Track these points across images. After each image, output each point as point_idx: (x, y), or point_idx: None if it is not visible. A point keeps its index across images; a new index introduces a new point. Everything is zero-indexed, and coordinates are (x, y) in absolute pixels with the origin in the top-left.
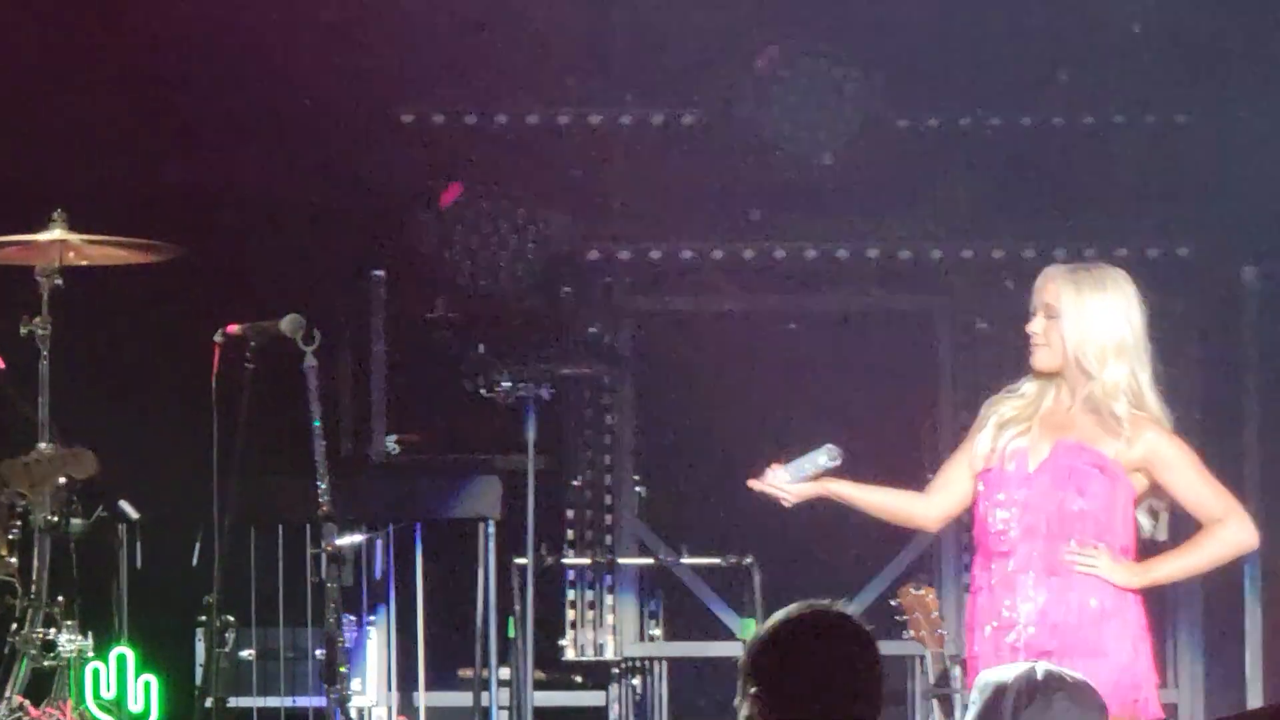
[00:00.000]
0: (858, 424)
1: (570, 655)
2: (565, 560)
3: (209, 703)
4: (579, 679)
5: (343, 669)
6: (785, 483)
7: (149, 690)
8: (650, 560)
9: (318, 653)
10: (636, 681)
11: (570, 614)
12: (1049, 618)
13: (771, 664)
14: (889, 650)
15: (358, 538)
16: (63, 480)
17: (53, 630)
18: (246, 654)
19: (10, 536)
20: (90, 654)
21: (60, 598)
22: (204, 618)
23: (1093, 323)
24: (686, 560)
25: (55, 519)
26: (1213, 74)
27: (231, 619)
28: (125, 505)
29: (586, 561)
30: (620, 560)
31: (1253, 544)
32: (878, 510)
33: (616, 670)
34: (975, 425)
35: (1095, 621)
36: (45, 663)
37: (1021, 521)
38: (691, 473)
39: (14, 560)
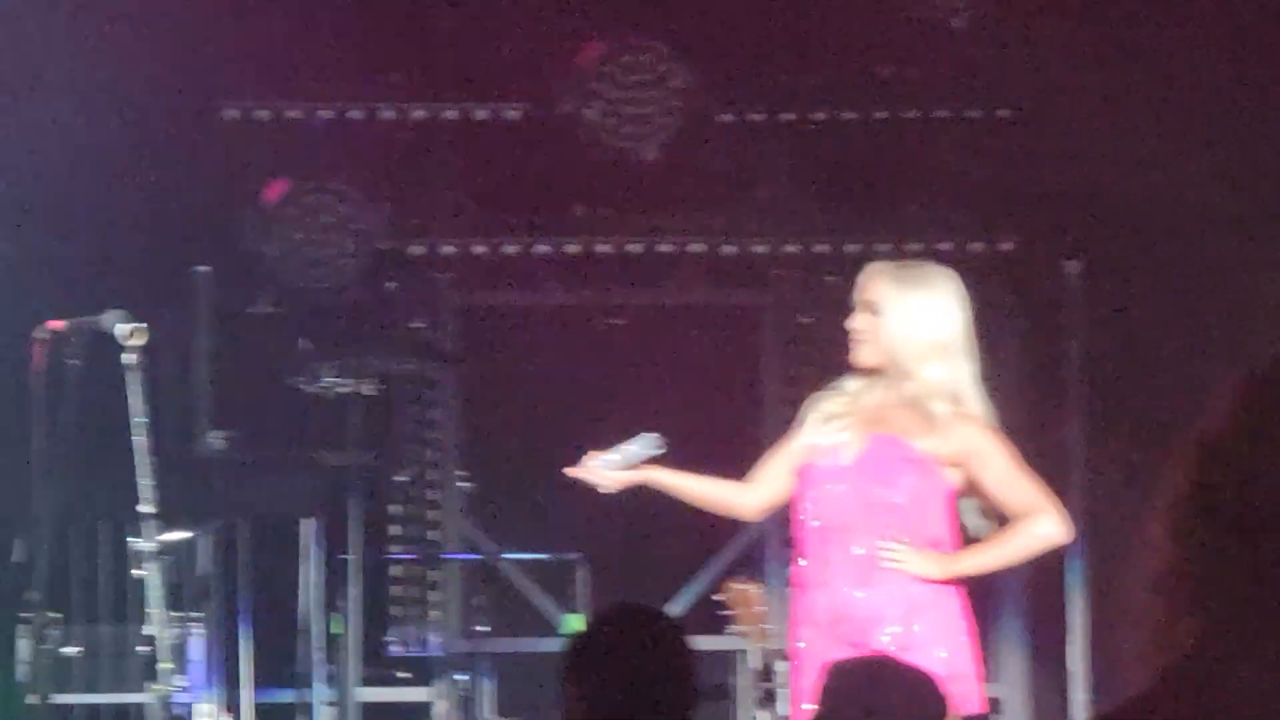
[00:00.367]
0: (682, 418)
1: (395, 651)
2: (390, 556)
3: (33, 700)
4: (404, 675)
5: (167, 666)
6: (603, 470)
7: None
8: (476, 556)
9: (142, 649)
10: (461, 677)
11: (395, 610)
12: (867, 612)
13: (589, 663)
14: (714, 645)
15: (182, 534)
16: None
17: None
18: (70, 651)
19: None
20: None
21: None
22: (27, 614)
23: (914, 321)
24: (512, 556)
25: None
26: (1035, 69)
27: (56, 615)
28: None
29: (411, 557)
30: (445, 556)
31: (1064, 538)
32: (698, 499)
33: (442, 666)
34: (798, 419)
35: (913, 614)
36: None
37: (837, 515)
38: (517, 468)
39: None
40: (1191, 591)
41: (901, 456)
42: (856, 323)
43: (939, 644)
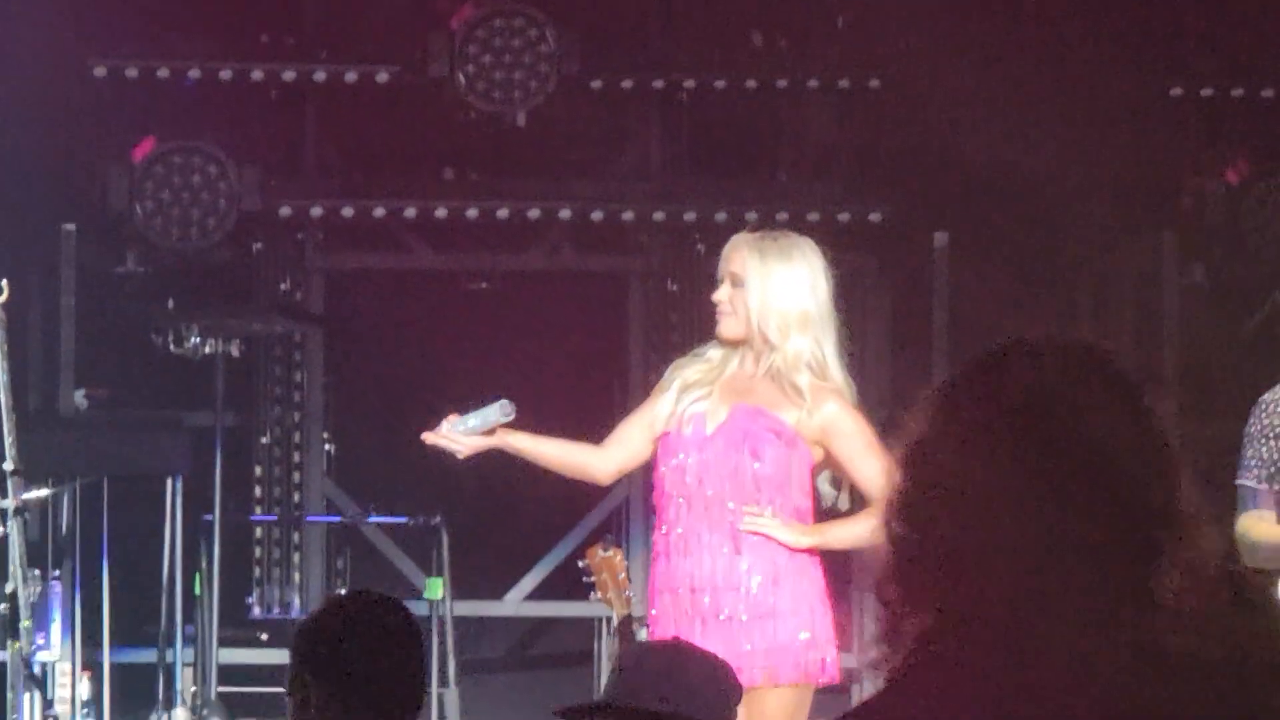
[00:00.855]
0: (548, 384)
1: (257, 613)
2: (252, 517)
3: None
4: (265, 636)
5: (26, 624)
6: (458, 434)
7: None
8: (338, 518)
9: (1, 607)
10: None
11: (257, 571)
12: (726, 581)
13: (321, 653)
14: (576, 612)
15: (44, 491)
16: None
17: None
18: None
19: None
20: None
21: None
22: None
23: (777, 293)
24: (374, 519)
25: None
26: (906, 38)
27: None
28: None
29: (273, 518)
30: (307, 518)
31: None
32: (552, 462)
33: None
34: (659, 385)
35: (773, 583)
36: None
37: (697, 484)
38: (381, 431)
39: None
40: (914, 589)
41: (766, 426)
42: (720, 294)
43: (799, 613)
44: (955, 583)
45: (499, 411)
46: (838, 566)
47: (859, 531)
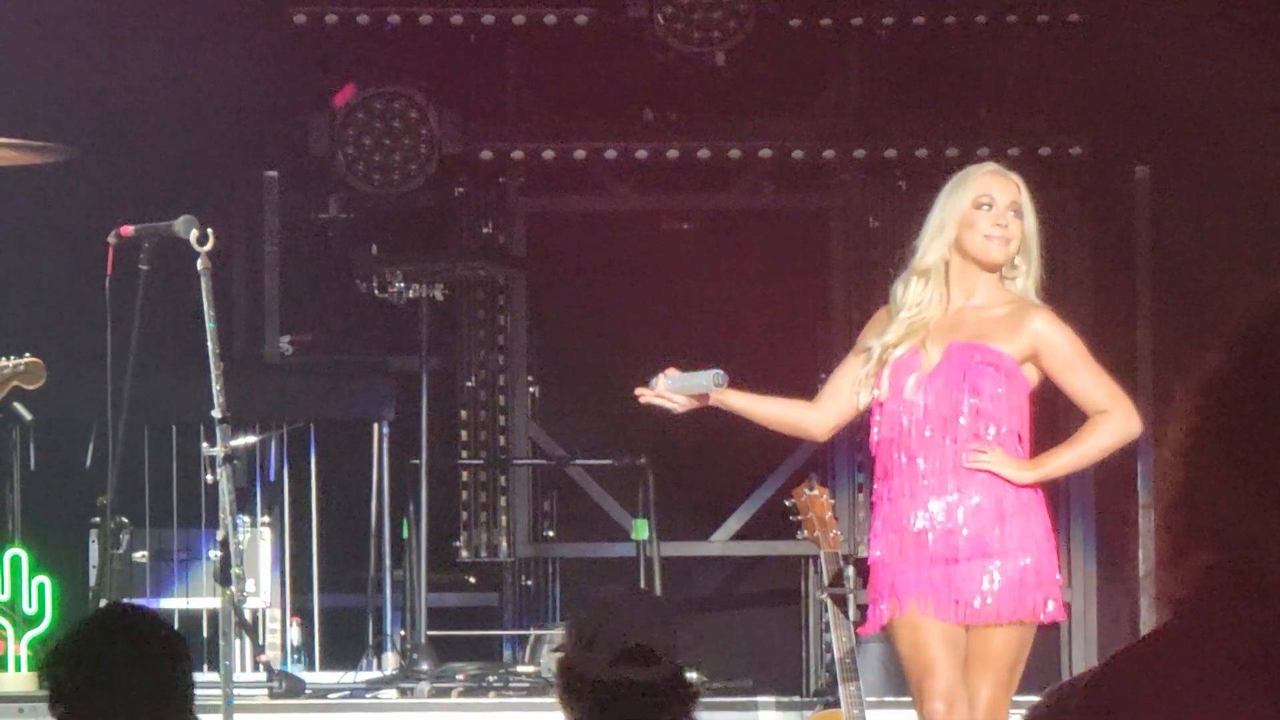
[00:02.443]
0: (750, 323)
1: (464, 556)
2: (459, 461)
3: (103, 604)
4: (472, 580)
5: (237, 571)
6: (673, 392)
7: (43, 592)
8: (544, 461)
9: (212, 554)
10: (530, 582)
11: (464, 515)
12: (951, 520)
13: (74, 677)
14: (784, 551)
15: (251, 438)
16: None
17: None
18: (140, 555)
19: None
20: None
21: None
22: (98, 519)
23: (1035, 224)
24: (580, 461)
25: None
26: None
27: (125, 520)
28: (19, 406)
29: (480, 462)
30: (514, 461)
31: (1138, 432)
32: (769, 420)
33: (510, 571)
34: (866, 332)
35: (1001, 521)
36: None
37: (920, 426)
38: (585, 373)
39: None
40: (1201, 524)
41: (983, 360)
42: (1006, 221)
43: (1026, 550)
44: (1240, 526)
45: (710, 380)
46: (1050, 499)
47: (1078, 456)
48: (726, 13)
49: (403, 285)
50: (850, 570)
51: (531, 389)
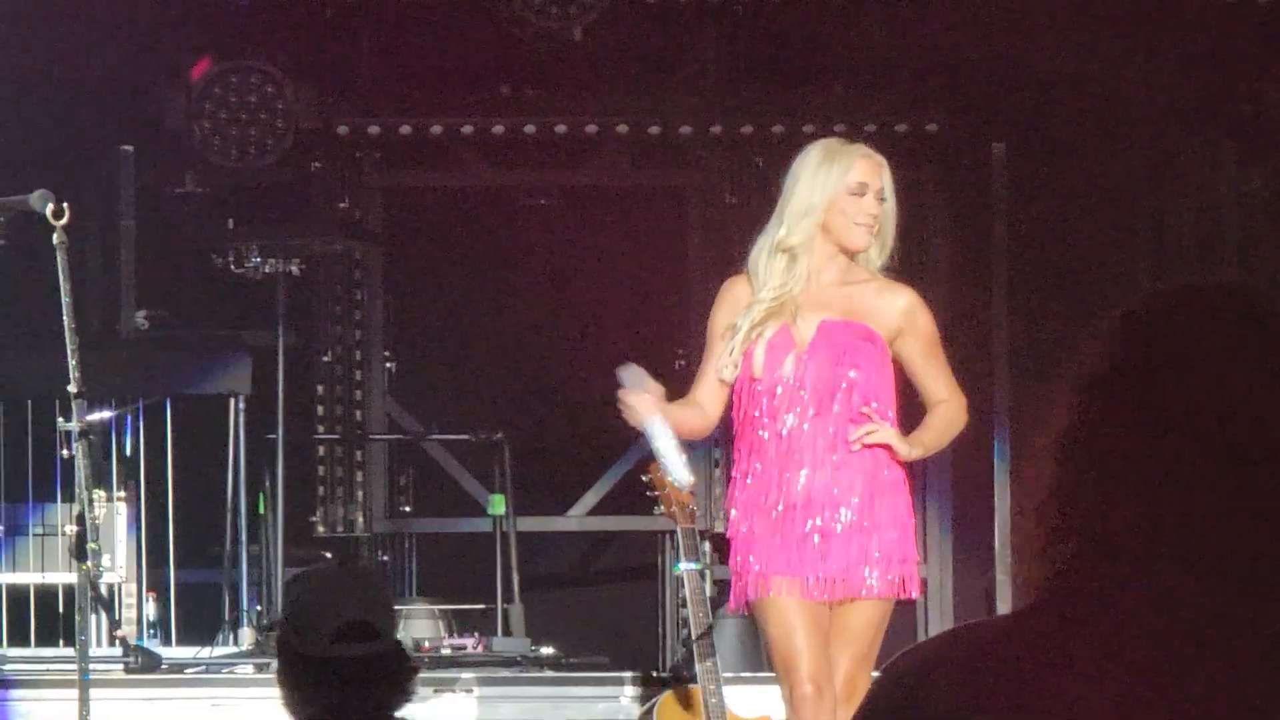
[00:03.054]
0: (608, 298)
1: (320, 531)
2: (315, 436)
3: None
4: (329, 554)
5: (93, 546)
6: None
7: None
8: (400, 436)
9: (68, 529)
10: (386, 557)
11: (320, 490)
12: (825, 497)
13: None
14: (640, 526)
15: (108, 413)
16: None
17: None
18: None
19: None
20: None
21: None
22: None
23: (894, 201)
24: (436, 436)
25: None
26: None
27: None
28: None
29: (336, 437)
30: (370, 436)
31: (964, 424)
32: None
33: (366, 546)
34: (718, 324)
35: (872, 498)
36: None
37: (795, 403)
38: (442, 349)
39: None
40: (1072, 517)
41: (858, 335)
42: (873, 209)
43: (892, 525)
44: (1110, 519)
45: (677, 479)
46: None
47: (935, 438)
48: None
49: (259, 260)
50: (707, 546)
51: (388, 364)
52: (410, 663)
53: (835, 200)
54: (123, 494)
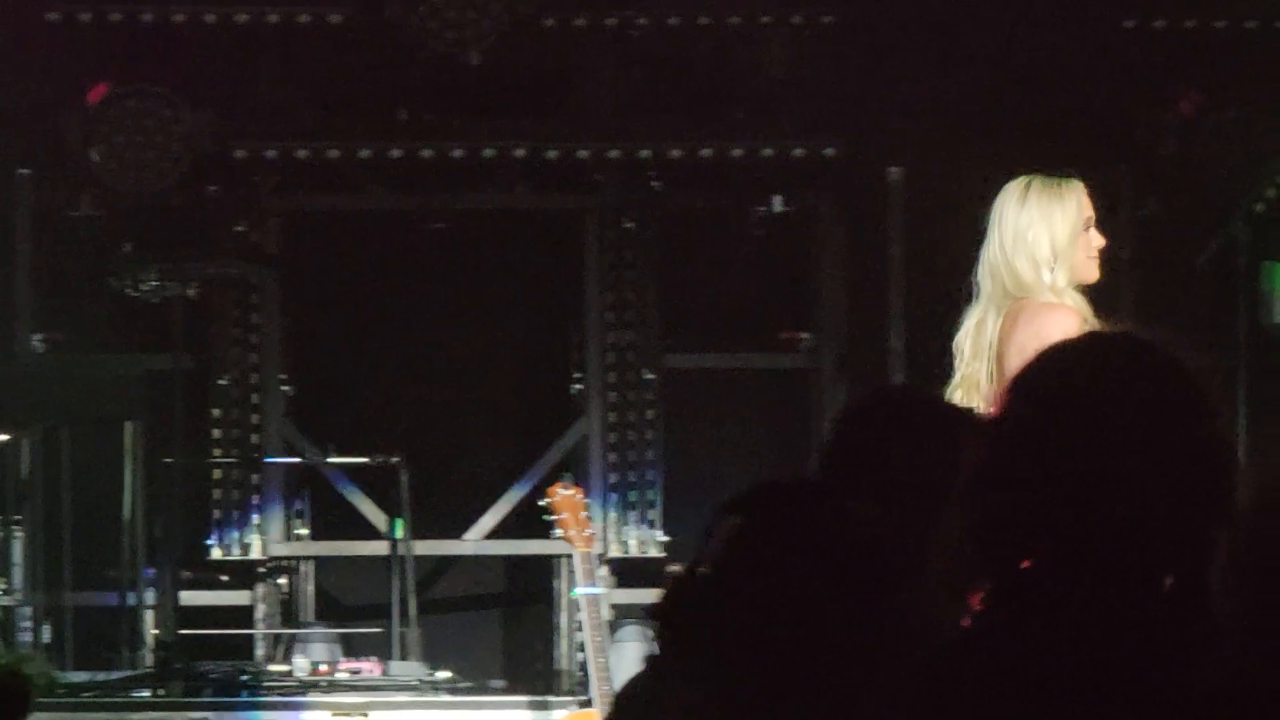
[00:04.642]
0: (505, 322)
1: (216, 555)
2: (211, 460)
3: None
4: (225, 578)
5: None
6: None
7: None
8: (297, 460)
9: None
10: (283, 580)
11: (217, 513)
12: None
13: None
14: (537, 550)
15: (3, 436)
16: None
17: None
18: None
19: None
20: None
21: None
22: None
23: None
24: (333, 459)
25: None
26: None
27: None
28: None
29: (233, 460)
30: (266, 459)
31: None
32: None
33: (263, 569)
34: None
35: None
36: None
37: None
38: (340, 372)
39: None
40: (987, 556)
41: None
42: (1101, 242)
43: None
44: (1020, 558)
45: None
46: None
47: None
48: (480, 12)
49: (156, 283)
50: (604, 570)
51: (285, 387)
52: (24, 686)
53: (1076, 235)
54: (18, 517)
